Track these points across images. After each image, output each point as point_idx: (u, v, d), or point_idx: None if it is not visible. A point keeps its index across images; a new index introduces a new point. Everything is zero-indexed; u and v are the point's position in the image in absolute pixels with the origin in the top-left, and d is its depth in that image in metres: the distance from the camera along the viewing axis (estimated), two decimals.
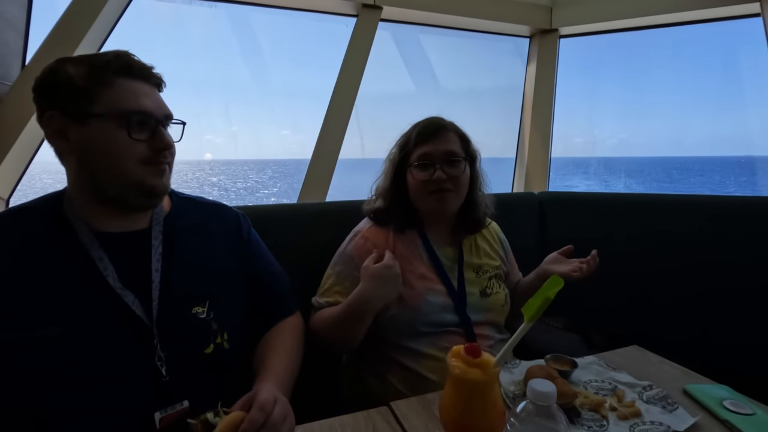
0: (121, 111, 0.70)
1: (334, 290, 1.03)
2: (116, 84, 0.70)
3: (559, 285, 0.53)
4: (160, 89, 0.78)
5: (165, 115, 0.75)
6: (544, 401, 0.45)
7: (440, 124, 1.05)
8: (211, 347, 0.76)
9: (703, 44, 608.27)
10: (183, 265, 0.78)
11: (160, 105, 0.75)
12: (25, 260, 0.67)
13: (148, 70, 0.75)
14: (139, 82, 0.73)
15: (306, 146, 1.83)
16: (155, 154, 0.73)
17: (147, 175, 0.72)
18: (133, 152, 0.71)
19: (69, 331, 0.65)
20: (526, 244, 1.27)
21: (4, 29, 1.44)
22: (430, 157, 1.01)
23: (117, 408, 0.66)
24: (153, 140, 0.72)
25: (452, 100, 3.26)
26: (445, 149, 1.02)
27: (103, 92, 0.69)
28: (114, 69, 0.71)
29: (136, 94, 0.72)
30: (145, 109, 0.71)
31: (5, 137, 1.38)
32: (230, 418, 0.58)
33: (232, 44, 22.97)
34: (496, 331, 1.07)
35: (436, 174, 1.00)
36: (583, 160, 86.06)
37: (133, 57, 0.74)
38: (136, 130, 0.71)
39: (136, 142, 0.71)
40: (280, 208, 1.34)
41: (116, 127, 0.69)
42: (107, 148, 0.70)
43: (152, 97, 0.75)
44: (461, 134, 1.07)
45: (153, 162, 0.73)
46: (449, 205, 1.03)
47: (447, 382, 0.58)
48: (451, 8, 2.01)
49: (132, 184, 0.71)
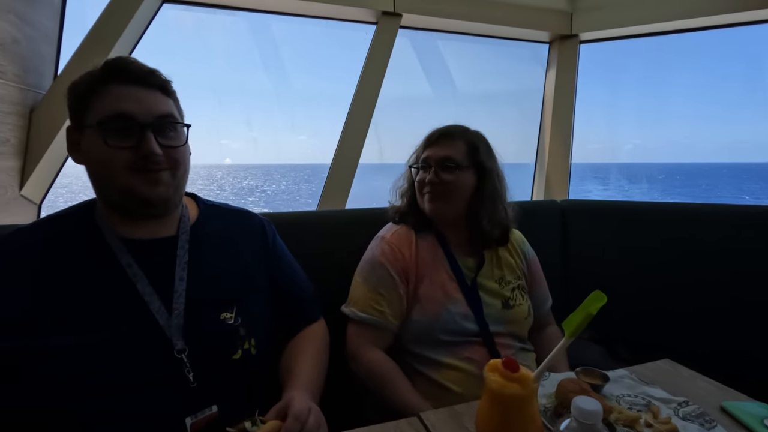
0: (101, 117, 0.68)
1: (369, 301, 1.02)
2: (105, 91, 0.70)
3: (602, 301, 0.52)
4: (165, 92, 0.75)
5: (156, 118, 0.71)
6: (589, 419, 0.44)
7: (446, 131, 1.08)
8: (239, 353, 0.76)
9: (725, 49, 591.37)
10: (210, 271, 0.79)
11: (147, 108, 0.70)
12: (60, 267, 0.69)
13: (142, 72, 0.72)
14: (131, 86, 0.70)
15: (319, 150, 1.84)
16: (141, 160, 0.69)
17: (137, 184, 0.70)
18: (118, 160, 0.68)
19: (99, 338, 0.66)
20: (548, 254, 1.25)
21: (38, 41, 1.48)
22: (427, 161, 1.06)
23: (147, 413, 0.67)
24: (138, 147, 0.69)
25: (469, 105, 3.26)
26: (443, 154, 1.04)
27: (94, 101, 0.70)
28: (105, 76, 0.70)
29: (119, 98, 0.69)
30: (123, 112, 0.68)
31: (38, 144, 1.43)
32: (268, 428, 0.59)
33: (253, 51, 23.29)
34: (518, 341, 1.06)
35: (428, 176, 1.04)
36: (598, 165, 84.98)
37: (127, 61, 0.72)
38: (114, 137, 0.68)
39: (119, 150, 0.68)
40: (301, 216, 1.35)
41: (98, 135, 0.68)
42: (95, 158, 0.71)
43: (138, 99, 0.70)
44: (471, 143, 1.07)
45: (140, 169, 0.70)
46: (436, 207, 1.05)
47: (483, 396, 0.58)
48: (470, 15, 2.01)
49: (125, 193, 0.71)
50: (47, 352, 0.63)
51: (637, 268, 1.53)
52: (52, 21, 1.59)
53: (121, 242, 0.73)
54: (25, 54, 1.42)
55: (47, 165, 1.47)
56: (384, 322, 1.00)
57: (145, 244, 0.75)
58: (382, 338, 1.02)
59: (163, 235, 0.77)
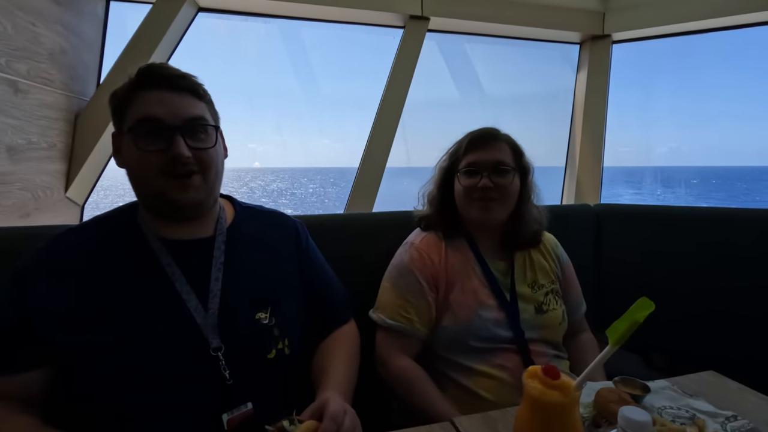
0: (132, 122, 0.70)
1: (397, 308, 1.01)
2: (138, 97, 0.71)
3: (649, 308, 0.50)
4: (197, 95, 0.75)
5: (185, 121, 0.71)
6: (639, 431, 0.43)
7: (492, 134, 1.05)
8: (273, 352, 0.77)
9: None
10: (245, 272, 0.80)
11: (176, 111, 0.71)
12: (106, 266, 0.72)
13: (172, 77, 0.73)
14: (161, 91, 0.72)
15: (343, 153, 1.86)
16: (170, 164, 0.70)
17: (168, 188, 0.71)
18: (150, 164, 0.70)
19: (141, 334, 0.69)
20: (581, 258, 1.22)
21: (83, 50, 1.56)
22: (478, 165, 1.01)
23: (186, 409, 0.68)
24: (166, 150, 0.70)
25: (497, 107, 3.23)
26: (494, 158, 1.01)
27: (129, 107, 0.72)
28: (138, 83, 0.72)
29: (148, 103, 0.70)
30: (152, 116, 0.69)
31: (83, 148, 1.50)
32: (305, 428, 0.60)
33: (284, 57, 23.51)
34: (552, 348, 1.03)
35: (482, 181, 0.99)
36: (629, 169, 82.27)
37: (157, 67, 0.73)
38: (145, 140, 0.69)
39: (150, 153, 0.69)
40: (329, 218, 1.36)
41: (131, 140, 0.70)
42: (130, 162, 0.73)
43: (167, 103, 0.71)
44: (514, 146, 1.06)
45: (171, 174, 0.71)
46: (493, 214, 1.02)
47: (522, 403, 0.56)
48: (499, 17, 1.99)
49: (157, 196, 0.73)
50: (94, 347, 0.66)
51: (673, 274, 1.48)
52: (96, 30, 1.67)
53: (161, 243, 0.75)
54: (72, 63, 1.49)
55: (90, 168, 1.54)
56: (411, 329, 0.99)
57: (183, 245, 0.77)
58: (410, 345, 1.01)
59: (200, 236, 0.80)
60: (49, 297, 0.67)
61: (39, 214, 1.34)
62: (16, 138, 1.23)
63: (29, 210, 1.30)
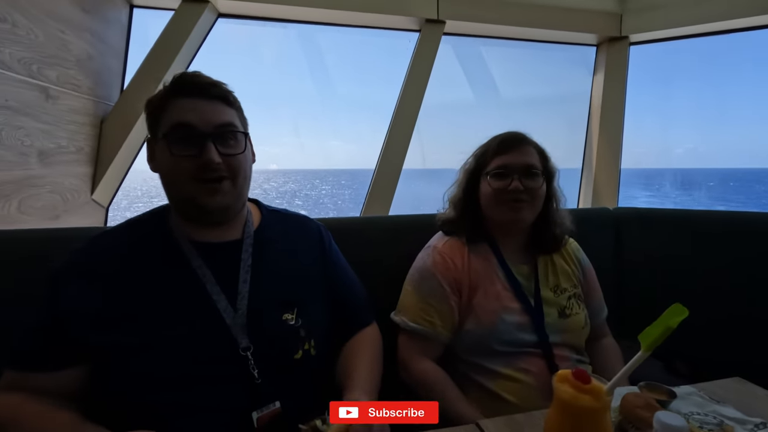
0: (166, 129, 0.73)
1: (419, 311, 1.01)
2: (171, 105, 0.74)
3: (683, 314, 0.50)
4: (227, 102, 0.77)
5: (216, 127, 0.73)
6: None
7: (521, 137, 1.05)
8: (300, 353, 0.79)
9: None
10: (272, 275, 0.82)
11: (208, 118, 0.73)
12: (139, 268, 0.74)
13: (204, 85, 0.75)
14: (194, 98, 0.74)
15: (354, 155, 1.87)
16: (201, 169, 0.72)
17: (198, 193, 0.73)
18: (182, 169, 0.72)
19: (174, 334, 0.70)
20: (601, 263, 1.21)
21: (108, 56, 1.60)
22: (508, 168, 1.01)
23: (217, 407, 0.70)
24: (199, 156, 0.72)
25: (512, 109, 3.22)
26: (525, 161, 1.01)
27: (163, 114, 0.74)
28: (172, 91, 0.75)
29: (181, 110, 0.73)
30: (185, 122, 0.71)
31: (108, 152, 1.54)
32: (337, 428, 0.61)
33: (301, 60, 23.34)
34: (575, 352, 1.03)
35: (513, 184, 0.99)
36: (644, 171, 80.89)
37: (190, 75, 0.76)
38: (178, 146, 0.72)
39: (182, 159, 0.71)
40: (348, 222, 1.37)
41: (165, 145, 0.73)
42: (163, 168, 0.76)
43: (199, 110, 0.73)
44: (540, 150, 1.06)
45: (201, 179, 0.73)
46: (523, 215, 1.02)
47: (552, 407, 0.57)
48: (515, 20, 1.99)
49: (187, 201, 0.75)
50: (127, 347, 0.68)
51: (694, 279, 1.46)
52: (120, 37, 1.71)
53: (192, 245, 0.78)
54: (98, 69, 1.53)
55: (115, 171, 1.58)
56: (434, 333, 0.99)
57: (213, 247, 0.79)
58: (432, 349, 1.01)
59: (229, 239, 0.81)
60: (82, 298, 0.70)
61: (67, 216, 1.38)
62: (46, 142, 1.27)
63: (59, 212, 1.34)
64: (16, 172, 1.15)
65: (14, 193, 1.15)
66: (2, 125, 1.09)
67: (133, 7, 1.76)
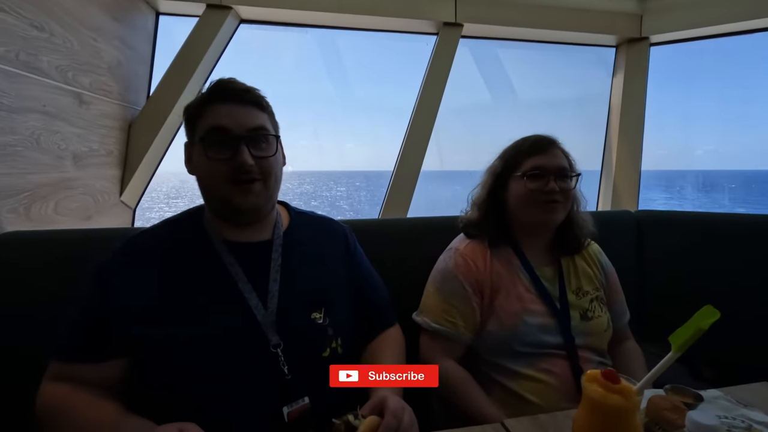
0: (203, 133, 0.77)
1: (442, 312, 1.02)
2: (208, 109, 0.78)
3: (714, 316, 0.50)
4: (260, 107, 0.81)
5: (249, 131, 0.76)
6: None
7: (552, 140, 1.07)
8: (327, 351, 0.81)
9: None
10: (300, 275, 0.85)
11: (241, 122, 0.76)
12: (176, 266, 0.78)
13: (238, 90, 0.78)
14: (228, 103, 0.77)
15: (367, 157, 1.89)
16: (235, 171, 0.75)
17: (233, 194, 0.76)
18: (218, 172, 0.76)
19: (208, 331, 0.73)
20: (623, 266, 1.20)
21: (136, 62, 1.66)
22: (544, 169, 1.02)
23: (250, 401, 0.73)
24: (233, 158, 0.75)
25: (530, 111, 3.20)
26: (559, 164, 1.03)
27: (200, 119, 0.78)
28: (208, 96, 0.79)
29: (217, 115, 0.76)
30: (220, 126, 0.75)
31: (135, 155, 1.59)
32: (369, 422, 0.63)
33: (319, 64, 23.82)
34: (597, 354, 1.03)
35: (550, 185, 1.00)
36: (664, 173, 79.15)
37: (225, 82, 0.79)
38: (214, 150, 0.75)
39: (217, 162, 0.75)
40: (370, 223, 1.39)
41: (202, 149, 0.77)
42: (200, 169, 0.79)
43: (234, 115, 0.76)
44: (566, 153, 1.08)
45: (235, 180, 0.76)
46: (556, 215, 1.03)
47: (581, 406, 0.58)
48: (534, 22, 1.99)
49: (222, 201, 0.79)
50: (165, 341, 0.71)
51: (718, 282, 1.44)
52: (147, 43, 1.77)
53: (225, 244, 0.81)
54: (127, 74, 1.59)
55: (142, 174, 1.63)
56: (456, 333, 1.00)
57: (244, 247, 0.82)
58: (454, 349, 1.02)
59: (259, 239, 0.84)
60: (124, 294, 0.73)
61: (98, 217, 1.43)
62: (80, 146, 1.32)
63: (90, 213, 1.39)
64: (52, 174, 1.20)
65: (51, 194, 1.20)
66: (41, 130, 1.14)
67: (158, 15, 1.82)
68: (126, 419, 0.68)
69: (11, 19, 1.03)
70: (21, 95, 1.06)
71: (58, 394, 0.71)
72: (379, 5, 1.84)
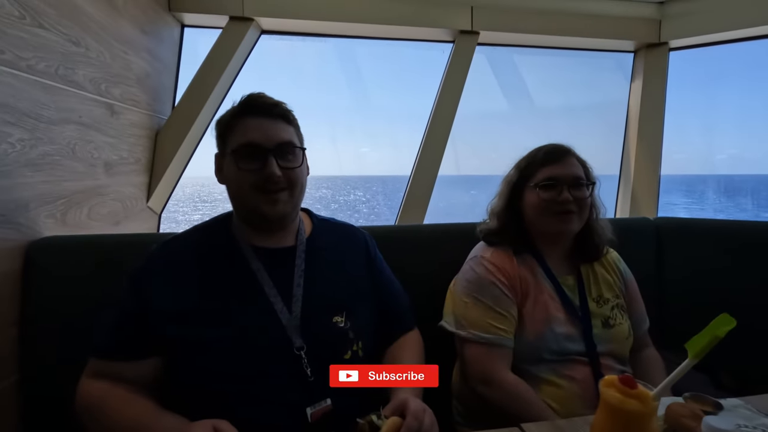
0: (234, 146, 0.82)
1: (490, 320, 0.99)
2: (239, 123, 0.83)
3: (730, 324, 0.51)
4: (287, 121, 0.85)
5: (278, 145, 0.81)
6: None
7: (565, 149, 1.07)
8: (348, 354, 0.84)
9: None
10: (323, 280, 0.88)
11: (270, 136, 0.81)
12: (205, 269, 0.82)
13: (268, 106, 0.83)
14: (259, 117, 0.82)
15: (387, 163, 1.91)
16: (263, 182, 0.80)
17: (260, 202, 0.81)
18: (246, 181, 0.81)
19: (236, 332, 0.77)
20: (642, 275, 1.19)
21: (162, 72, 1.73)
22: (557, 179, 1.03)
23: (276, 401, 0.76)
24: (262, 169, 0.80)
25: (547, 117, 3.21)
26: (573, 173, 1.03)
27: (232, 132, 0.83)
28: (240, 110, 0.84)
29: (248, 129, 0.81)
30: (251, 141, 0.80)
31: (161, 162, 1.65)
32: (391, 422, 0.65)
33: (338, 72, 23.91)
34: (619, 362, 1.03)
35: (563, 195, 1.01)
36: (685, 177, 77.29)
37: (256, 96, 0.84)
38: (244, 161, 0.80)
39: (247, 172, 0.80)
40: (389, 230, 1.39)
41: (233, 160, 0.81)
42: (231, 179, 0.84)
43: (264, 129, 0.81)
44: (582, 162, 1.08)
45: (263, 190, 0.81)
46: (571, 226, 1.03)
47: (599, 411, 0.59)
48: (550, 29, 2.00)
49: (250, 209, 0.83)
50: (199, 341, 0.76)
51: (740, 291, 1.41)
52: (172, 54, 1.83)
53: (252, 249, 0.85)
54: (154, 85, 1.65)
55: (167, 180, 1.69)
56: (507, 340, 0.98)
57: (270, 252, 0.86)
58: (507, 357, 0.99)
59: (284, 245, 0.88)
60: (159, 296, 0.78)
61: (126, 222, 1.49)
62: (111, 154, 1.38)
63: (120, 219, 1.45)
64: (86, 182, 1.26)
65: (85, 201, 1.26)
66: (76, 140, 1.20)
67: (184, 27, 1.89)
68: (161, 415, 0.72)
69: (52, 35, 1.09)
70: (60, 107, 1.13)
71: (96, 391, 0.75)
72: (397, 15, 1.88)
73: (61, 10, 1.12)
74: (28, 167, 1.03)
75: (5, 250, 0.99)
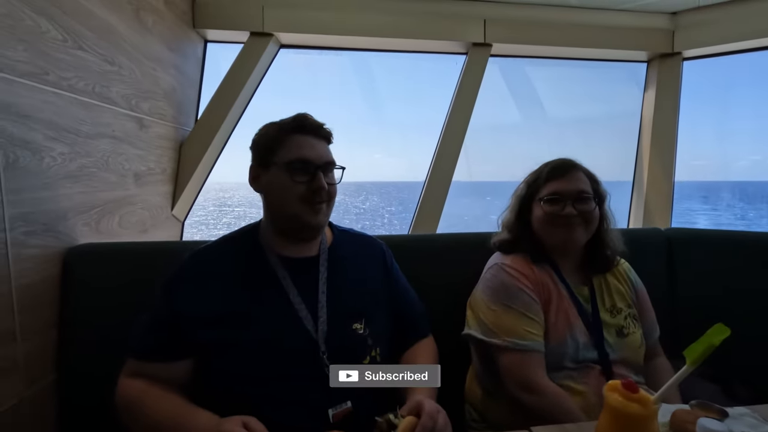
0: (288, 159, 0.88)
1: (524, 326, 1.00)
2: (290, 139, 0.89)
3: (724, 333, 0.54)
4: (328, 141, 0.94)
5: (325, 162, 0.90)
6: None
7: (571, 164, 1.10)
8: (367, 359, 0.89)
9: None
10: (344, 288, 0.93)
11: (320, 154, 0.89)
12: (233, 277, 0.87)
13: (316, 127, 0.92)
14: (308, 136, 0.90)
15: (400, 170, 1.95)
16: (311, 193, 0.87)
17: (304, 212, 0.87)
18: (294, 191, 0.87)
19: (261, 337, 0.83)
20: (653, 287, 1.19)
21: (187, 87, 1.81)
22: (561, 194, 1.06)
23: (299, 403, 0.81)
24: (311, 183, 0.87)
25: (560, 128, 3.23)
26: (577, 188, 1.06)
27: (281, 146, 0.89)
28: (290, 128, 0.90)
29: (300, 146, 0.88)
30: (305, 157, 0.87)
31: (185, 172, 1.73)
32: (407, 422, 0.70)
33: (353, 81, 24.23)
34: (632, 371, 1.05)
35: (566, 209, 1.04)
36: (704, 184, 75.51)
37: (307, 117, 0.92)
38: (297, 174, 0.87)
39: (297, 184, 0.87)
40: (404, 239, 1.43)
41: (284, 172, 0.88)
42: (277, 187, 0.89)
43: (315, 148, 0.89)
44: (590, 175, 1.11)
45: (309, 201, 0.87)
46: (575, 235, 1.06)
47: (603, 414, 0.62)
48: (563, 40, 2.03)
49: (292, 217, 0.88)
50: (228, 346, 0.81)
51: (753, 303, 1.41)
52: (196, 69, 1.92)
53: (278, 258, 0.90)
54: (179, 99, 1.74)
55: (190, 190, 1.77)
56: (542, 345, 0.99)
57: (295, 261, 0.92)
58: (543, 362, 0.99)
59: (308, 255, 0.94)
60: (191, 301, 0.84)
61: (153, 230, 1.57)
62: (140, 165, 1.46)
63: (147, 227, 1.53)
64: (117, 192, 1.34)
65: (116, 210, 1.34)
66: (110, 153, 1.28)
67: (206, 42, 1.98)
68: (195, 411, 0.78)
69: (90, 56, 1.17)
70: (96, 122, 1.21)
71: (134, 390, 0.82)
72: (411, 28, 1.93)
73: (98, 32, 1.21)
74: (67, 179, 1.11)
75: (46, 257, 1.06)
